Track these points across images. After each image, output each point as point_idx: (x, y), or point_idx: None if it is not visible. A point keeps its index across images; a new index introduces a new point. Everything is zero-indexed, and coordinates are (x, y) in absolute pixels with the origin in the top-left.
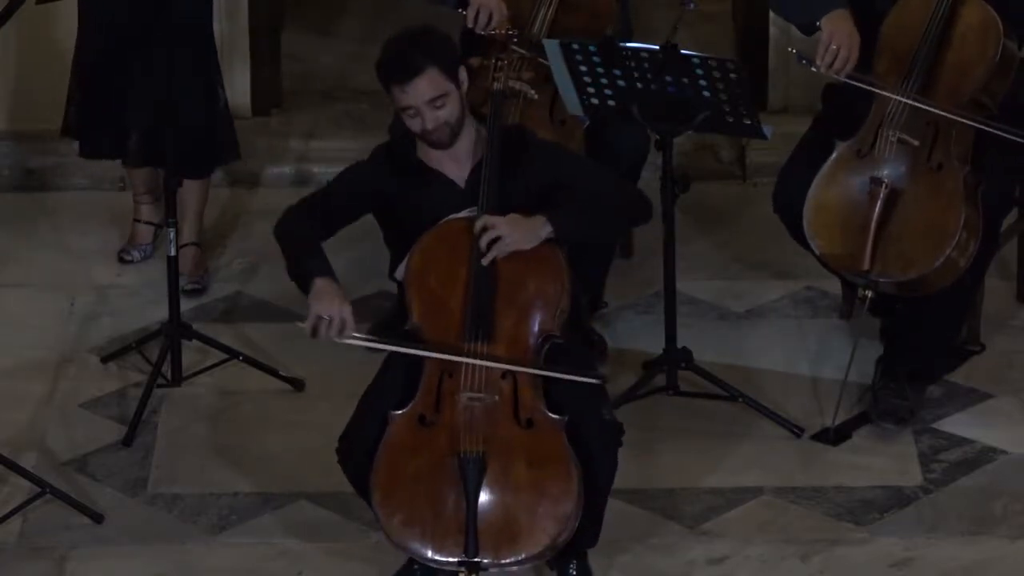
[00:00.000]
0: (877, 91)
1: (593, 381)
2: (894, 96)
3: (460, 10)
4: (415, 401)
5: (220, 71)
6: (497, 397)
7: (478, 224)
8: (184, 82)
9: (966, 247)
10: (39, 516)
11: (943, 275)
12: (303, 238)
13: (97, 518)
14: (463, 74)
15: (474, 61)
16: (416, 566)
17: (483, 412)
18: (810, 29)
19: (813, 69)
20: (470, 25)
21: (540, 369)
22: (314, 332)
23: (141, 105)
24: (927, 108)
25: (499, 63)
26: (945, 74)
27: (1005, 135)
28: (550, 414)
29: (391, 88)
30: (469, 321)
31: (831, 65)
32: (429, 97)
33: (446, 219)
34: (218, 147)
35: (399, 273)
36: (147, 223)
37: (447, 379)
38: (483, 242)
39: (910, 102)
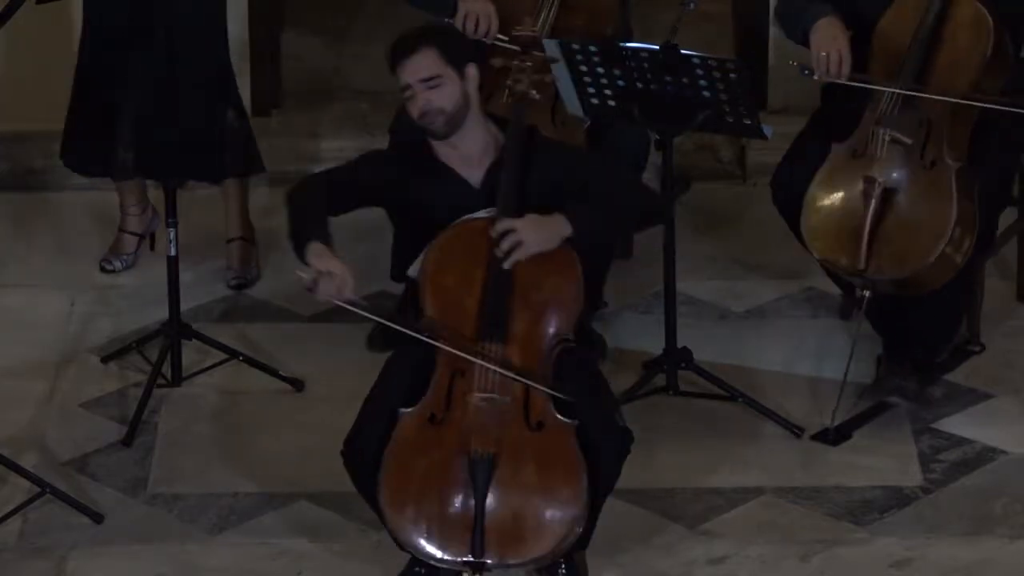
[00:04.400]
0: (873, 87)
1: (561, 396)
2: (890, 89)
3: (449, 19)
4: (425, 399)
5: (234, 86)
6: (508, 398)
7: (498, 227)
8: (180, 97)
9: (960, 243)
10: (39, 516)
11: (939, 272)
12: (311, 206)
13: (97, 518)
14: (472, 70)
15: (496, 62)
16: (418, 567)
17: (494, 413)
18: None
19: (815, 78)
20: (459, 30)
21: (522, 377)
22: (313, 286)
23: (131, 120)
24: (921, 96)
25: (520, 65)
26: (938, 72)
27: (998, 107)
28: (560, 417)
29: (395, 70)
30: (484, 322)
31: (828, 71)
32: (422, 76)
33: (463, 218)
34: (224, 161)
35: (413, 271)
36: (132, 233)
37: (459, 378)
38: (504, 246)
39: (904, 92)
